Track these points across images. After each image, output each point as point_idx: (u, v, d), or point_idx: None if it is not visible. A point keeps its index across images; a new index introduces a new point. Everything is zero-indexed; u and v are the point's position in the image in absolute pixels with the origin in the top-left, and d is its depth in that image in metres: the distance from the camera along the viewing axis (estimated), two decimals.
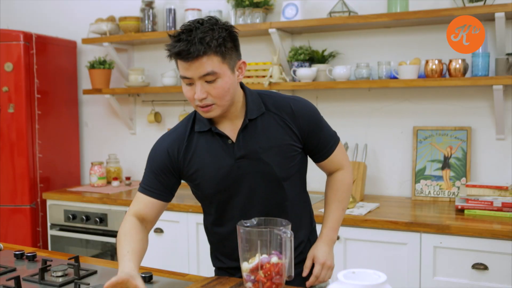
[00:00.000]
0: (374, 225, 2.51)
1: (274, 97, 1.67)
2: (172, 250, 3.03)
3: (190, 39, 1.45)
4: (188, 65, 1.47)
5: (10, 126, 3.51)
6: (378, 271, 1.14)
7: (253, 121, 1.62)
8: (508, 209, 2.51)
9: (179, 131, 1.69)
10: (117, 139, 3.96)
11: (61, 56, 3.83)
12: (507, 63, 2.66)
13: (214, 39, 1.46)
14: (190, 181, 1.69)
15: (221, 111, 1.56)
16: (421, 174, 2.97)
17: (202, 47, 1.45)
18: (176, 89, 3.42)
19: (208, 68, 1.47)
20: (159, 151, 1.67)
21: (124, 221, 1.65)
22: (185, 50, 1.45)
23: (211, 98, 1.52)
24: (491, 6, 2.60)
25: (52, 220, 3.43)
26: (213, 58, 1.47)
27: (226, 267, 1.75)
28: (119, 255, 1.54)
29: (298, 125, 1.65)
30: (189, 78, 1.50)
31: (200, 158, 1.63)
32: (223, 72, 1.50)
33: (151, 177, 1.68)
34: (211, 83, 1.50)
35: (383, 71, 2.94)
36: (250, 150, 1.61)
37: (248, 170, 1.61)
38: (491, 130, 2.88)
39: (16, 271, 1.75)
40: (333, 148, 1.74)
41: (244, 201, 1.65)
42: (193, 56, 1.45)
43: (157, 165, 1.67)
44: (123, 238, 1.58)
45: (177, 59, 1.50)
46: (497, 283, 2.31)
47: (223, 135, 1.62)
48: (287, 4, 3.11)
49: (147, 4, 3.53)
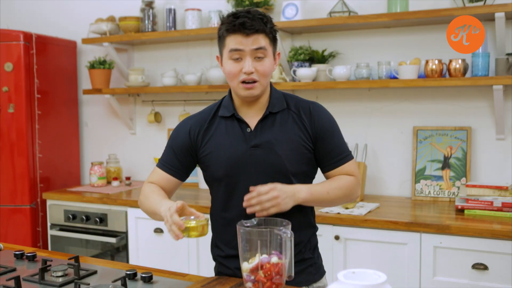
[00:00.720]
0: (374, 225, 2.51)
1: (296, 98, 1.79)
2: (172, 250, 3.03)
3: (250, 16, 1.62)
4: (245, 38, 1.61)
5: (10, 126, 3.51)
6: (378, 271, 1.14)
7: (273, 115, 1.72)
8: (508, 209, 2.51)
9: (203, 114, 1.80)
10: (117, 139, 3.96)
11: (61, 56, 3.83)
12: (507, 63, 2.66)
13: (268, 23, 1.65)
14: (203, 163, 1.76)
15: (260, 90, 1.67)
16: (421, 174, 2.97)
17: (262, 24, 1.62)
18: (176, 89, 3.42)
19: (262, 43, 1.63)
20: (181, 130, 1.79)
21: (143, 187, 1.80)
22: (248, 23, 1.60)
23: (257, 75, 1.64)
24: (491, 6, 2.60)
25: (52, 220, 3.43)
26: (265, 38, 1.65)
27: (224, 255, 1.77)
28: (155, 204, 1.66)
29: (313, 126, 1.72)
30: (241, 50, 1.62)
31: (216, 141, 1.72)
32: (270, 53, 1.66)
33: (170, 154, 1.79)
34: (259, 60, 1.64)
35: (383, 71, 2.94)
36: (265, 140, 1.69)
37: (259, 159, 1.68)
38: (491, 130, 2.88)
39: (16, 271, 1.75)
40: (345, 160, 1.75)
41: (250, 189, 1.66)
42: (254, 29, 1.60)
43: (177, 143, 1.78)
44: (151, 195, 1.72)
45: (234, 32, 1.62)
46: (497, 283, 2.31)
47: (244, 122, 1.71)
48: (287, 4, 3.11)
49: (147, 4, 3.53)
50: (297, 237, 1.71)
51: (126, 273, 1.64)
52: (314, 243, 1.83)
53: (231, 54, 1.65)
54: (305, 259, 1.77)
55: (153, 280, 1.65)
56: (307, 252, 1.77)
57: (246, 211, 1.63)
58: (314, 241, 1.82)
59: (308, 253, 1.78)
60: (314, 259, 1.80)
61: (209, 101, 3.56)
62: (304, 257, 1.76)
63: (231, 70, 1.66)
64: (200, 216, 1.55)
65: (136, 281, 1.64)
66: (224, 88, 3.27)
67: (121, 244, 3.20)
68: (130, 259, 3.16)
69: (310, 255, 1.79)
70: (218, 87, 3.29)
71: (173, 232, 1.50)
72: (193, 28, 3.37)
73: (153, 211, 1.68)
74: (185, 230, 1.50)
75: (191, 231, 1.51)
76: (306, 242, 1.78)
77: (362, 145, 3.13)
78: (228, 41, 1.65)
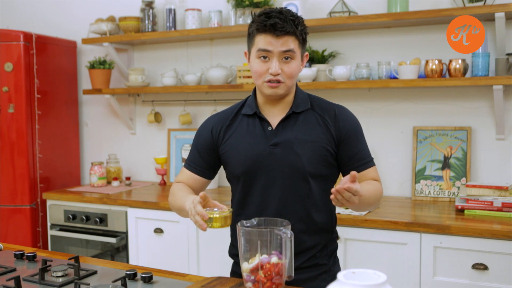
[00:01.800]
0: (374, 225, 2.51)
1: (321, 100, 1.79)
2: (172, 250, 3.04)
3: (282, 17, 1.61)
4: (274, 39, 1.61)
5: (10, 126, 3.51)
6: (378, 271, 1.14)
7: (296, 115, 1.72)
8: (508, 209, 2.51)
9: (227, 111, 1.82)
10: (117, 139, 3.96)
11: (61, 56, 3.83)
12: (507, 63, 2.66)
13: (299, 25, 1.64)
14: (223, 160, 1.78)
15: (285, 91, 1.68)
16: (421, 174, 2.97)
17: (293, 26, 1.62)
18: (176, 89, 3.42)
19: (291, 45, 1.62)
20: (204, 129, 1.81)
21: (173, 185, 1.83)
22: (279, 23, 1.60)
23: (283, 76, 1.64)
24: (491, 6, 2.60)
25: (52, 220, 3.43)
26: (295, 40, 1.64)
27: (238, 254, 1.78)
28: (181, 200, 1.68)
29: (338, 129, 1.71)
30: (270, 51, 1.62)
31: (237, 138, 1.74)
32: (298, 55, 1.66)
33: (195, 154, 1.82)
34: (286, 61, 1.64)
35: (383, 71, 2.94)
36: (285, 139, 1.68)
37: (277, 158, 1.68)
38: (491, 130, 2.88)
39: (16, 271, 1.75)
40: (368, 165, 1.74)
41: (266, 187, 1.70)
42: (284, 31, 1.60)
43: (201, 142, 1.81)
44: (177, 193, 1.74)
45: (264, 32, 1.62)
46: (497, 283, 2.31)
47: (266, 121, 1.72)
48: (287, 4, 3.11)
49: (147, 4, 3.53)
50: (312, 240, 1.70)
51: (126, 273, 1.64)
52: (332, 249, 1.79)
53: (259, 53, 1.65)
54: (319, 265, 1.74)
55: (153, 280, 1.64)
56: (322, 257, 1.74)
57: (261, 210, 1.66)
58: (332, 247, 1.79)
59: (323, 259, 1.74)
60: (329, 266, 1.76)
61: (209, 101, 3.56)
62: (318, 263, 1.73)
63: (258, 69, 1.66)
64: (223, 208, 1.57)
65: (136, 281, 1.64)
66: (224, 88, 3.27)
67: (121, 244, 3.20)
68: (130, 259, 3.16)
69: (325, 261, 1.75)
70: (218, 87, 3.29)
71: (198, 223, 1.51)
72: (193, 28, 3.37)
73: (179, 207, 1.70)
74: (208, 221, 1.52)
75: (214, 222, 1.53)
76: (322, 247, 1.74)
77: None
78: (258, 40, 1.65)
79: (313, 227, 1.70)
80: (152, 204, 3.05)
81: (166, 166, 3.66)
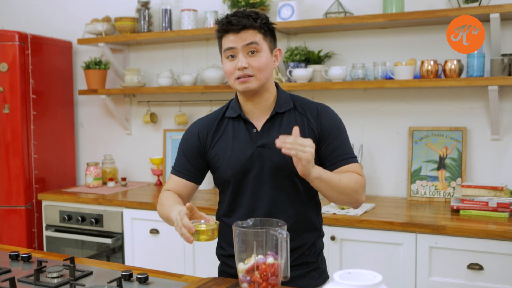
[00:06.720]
0: (370, 225, 2.52)
1: (303, 100, 1.80)
2: (168, 250, 3.03)
3: (240, 14, 1.67)
4: (235, 35, 1.65)
5: (5, 127, 3.50)
6: (373, 272, 1.15)
7: (280, 115, 1.74)
8: (503, 210, 2.51)
9: (211, 116, 1.84)
10: (112, 139, 3.95)
11: (57, 56, 3.82)
12: (502, 63, 2.67)
13: (258, 19, 1.67)
14: (212, 163, 1.79)
15: (257, 85, 1.68)
16: (416, 175, 2.98)
17: (249, 21, 1.65)
18: (172, 90, 3.42)
19: (253, 38, 1.65)
20: (191, 134, 1.82)
21: (161, 194, 1.82)
22: (235, 19, 1.65)
23: (252, 69, 1.66)
24: (486, 7, 2.61)
25: (48, 221, 3.42)
26: (256, 33, 1.67)
27: (227, 255, 1.80)
28: (167, 210, 1.67)
29: (319, 125, 1.72)
30: (234, 48, 1.66)
31: (224, 142, 1.75)
32: (264, 48, 1.68)
33: (182, 159, 1.82)
34: (253, 55, 1.66)
35: (379, 72, 2.95)
36: (270, 140, 1.68)
37: (266, 159, 1.70)
38: (486, 131, 2.89)
39: (11, 272, 1.74)
40: (350, 161, 1.71)
41: (256, 189, 1.71)
42: (241, 25, 1.64)
43: (187, 147, 1.82)
44: (165, 202, 1.74)
45: (225, 33, 1.67)
46: (493, 283, 2.31)
47: (250, 123, 1.74)
48: (283, 5, 3.12)
49: (143, 4, 3.53)
50: (301, 239, 1.73)
51: (122, 274, 1.64)
52: (320, 248, 1.82)
53: (226, 54, 1.69)
54: (308, 263, 1.76)
55: (148, 281, 1.64)
56: (311, 256, 1.77)
57: (251, 211, 1.67)
58: (319, 245, 1.82)
59: (311, 257, 1.77)
60: (317, 264, 1.79)
61: (205, 102, 3.55)
62: (308, 261, 1.76)
63: (227, 68, 1.70)
64: (210, 220, 1.56)
65: (132, 282, 1.63)
66: (220, 88, 3.27)
67: (117, 245, 3.19)
68: (125, 260, 3.15)
69: (313, 259, 1.78)
70: (214, 87, 3.29)
71: (184, 235, 1.50)
72: (189, 28, 3.37)
73: (167, 216, 1.69)
74: (195, 234, 1.51)
75: (201, 235, 1.52)
76: (311, 245, 1.77)
77: (358, 146, 3.13)
78: (223, 42, 1.70)
79: (302, 225, 1.72)
80: (147, 205, 3.05)
81: (162, 167, 3.66)
